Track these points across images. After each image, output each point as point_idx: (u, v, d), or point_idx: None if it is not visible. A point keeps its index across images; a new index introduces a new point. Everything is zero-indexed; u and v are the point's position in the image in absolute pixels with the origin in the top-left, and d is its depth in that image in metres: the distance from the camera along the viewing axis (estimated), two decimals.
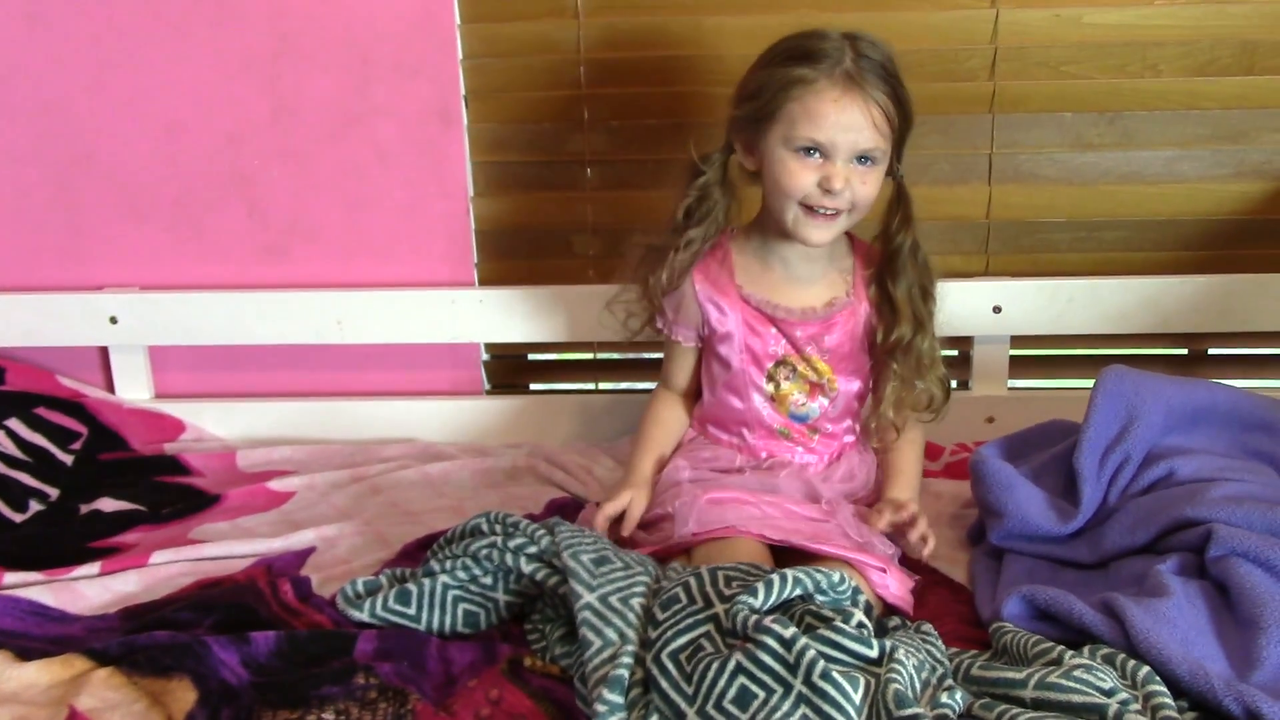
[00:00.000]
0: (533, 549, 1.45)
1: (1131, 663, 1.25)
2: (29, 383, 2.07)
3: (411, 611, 1.45)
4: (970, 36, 1.96)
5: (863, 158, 1.57)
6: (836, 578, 1.33)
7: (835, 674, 1.17)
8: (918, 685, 1.23)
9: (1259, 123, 1.96)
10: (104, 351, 2.14)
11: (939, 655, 1.31)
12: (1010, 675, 1.24)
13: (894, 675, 1.20)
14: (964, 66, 1.97)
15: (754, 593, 1.28)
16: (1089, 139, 1.99)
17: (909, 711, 1.16)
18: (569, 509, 1.77)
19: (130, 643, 1.35)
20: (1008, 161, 2.01)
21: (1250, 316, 1.97)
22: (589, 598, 1.34)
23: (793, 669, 1.18)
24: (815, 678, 1.17)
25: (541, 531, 1.47)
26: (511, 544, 1.46)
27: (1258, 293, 1.96)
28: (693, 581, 1.33)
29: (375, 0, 1.98)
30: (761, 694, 1.18)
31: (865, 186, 1.58)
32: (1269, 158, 1.98)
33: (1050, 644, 1.29)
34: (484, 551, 1.47)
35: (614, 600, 1.34)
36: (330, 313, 2.06)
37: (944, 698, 1.22)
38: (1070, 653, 1.26)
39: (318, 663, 1.34)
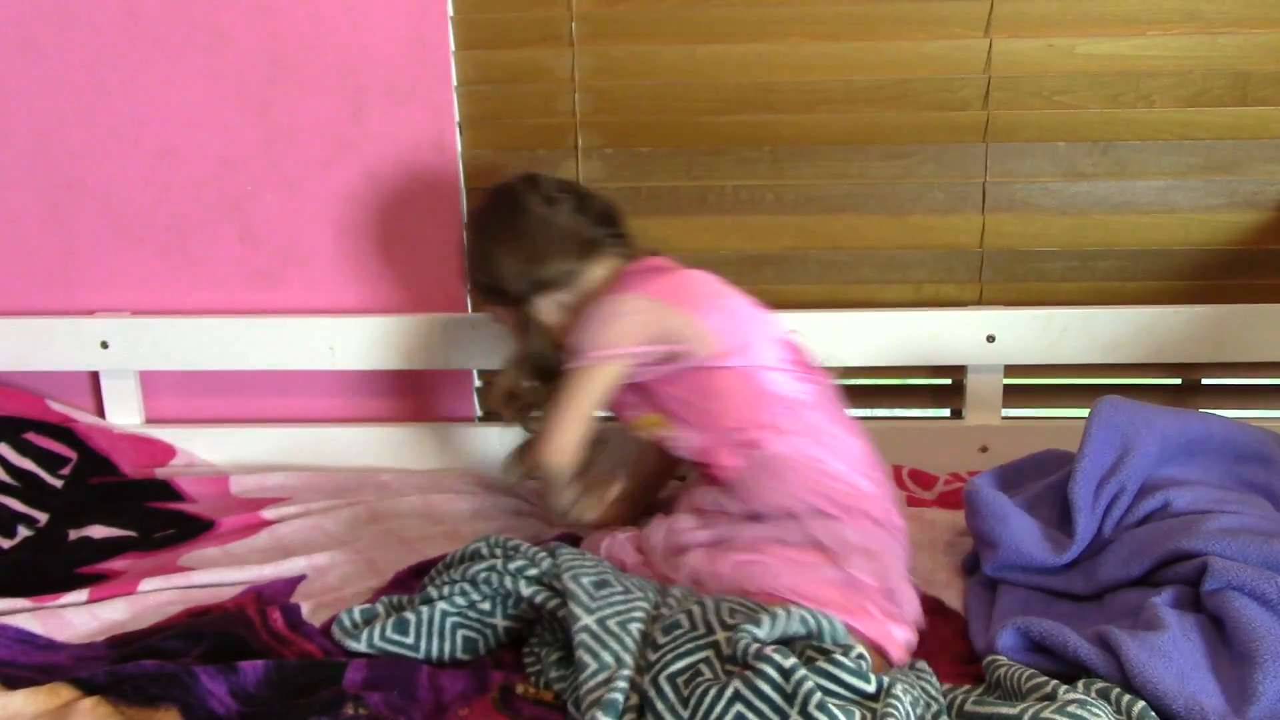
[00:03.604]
0: (533, 571, 1.45)
1: (1126, 697, 1.24)
2: (18, 407, 2.06)
3: (410, 640, 1.44)
4: (964, 66, 1.97)
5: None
6: (841, 629, 1.32)
7: (832, 706, 1.17)
8: None
9: (1252, 153, 1.97)
10: (94, 376, 2.14)
11: (933, 692, 1.32)
12: (1004, 710, 1.23)
13: (891, 711, 1.19)
14: (958, 95, 1.98)
15: (758, 623, 1.27)
16: (1082, 168, 1.99)
17: None
18: (566, 538, 1.75)
19: (117, 672, 1.34)
20: (1001, 190, 2.01)
21: (1244, 347, 1.97)
22: (587, 620, 1.34)
23: (790, 699, 1.18)
24: (811, 708, 1.16)
25: (543, 554, 1.46)
26: (511, 566, 1.45)
27: (1252, 323, 1.96)
28: (695, 609, 1.33)
29: (369, 27, 1.99)
30: None
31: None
32: (1262, 188, 1.98)
33: (1044, 678, 1.28)
34: (483, 575, 1.46)
35: (612, 624, 1.34)
36: (322, 339, 2.06)
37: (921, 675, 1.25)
38: (1064, 687, 1.26)
39: (306, 693, 1.33)
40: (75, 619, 1.56)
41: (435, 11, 1.98)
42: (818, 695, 1.17)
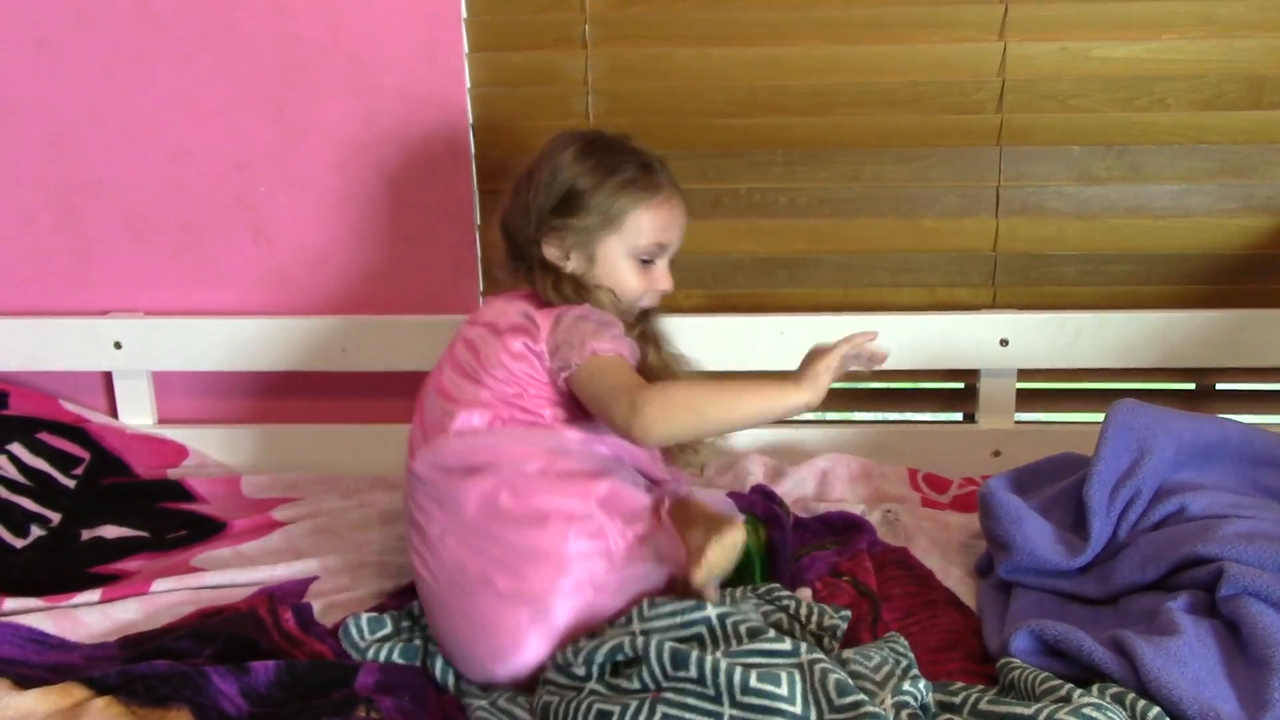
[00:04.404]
0: None
1: (1141, 702, 1.23)
2: (32, 407, 2.06)
3: (417, 665, 1.44)
4: (978, 69, 1.97)
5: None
6: None
7: (753, 680, 1.19)
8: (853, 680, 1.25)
9: (1266, 157, 1.96)
10: (107, 376, 2.14)
11: (901, 650, 1.35)
12: (1019, 711, 1.23)
13: (829, 667, 1.23)
14: (972, 99, 1.97)
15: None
16: (1096, 172, 1.99)
17: (852, 699, 1.19)
18: None
19: (129, 672, 1.34)
20: (1015, 194, 2.01)
21: (1258, 351, 1.96)
22: (480, 703, 1.36)
23: (716, 698, 1.20)
24: (739, 694, 1.19)
25: None
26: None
27: (1266, 327, 1.95)
28: (551, 689, 1.33)
29: (383, 29, 1.99)
30: None
31: None
32: (1276, 192, 1.97)
33: (1059, 681, 1.27)
34: None
35: (501, 701, 1.36)
36: (334, 340, 2.06)
37: (906, 685, 1.25)
38: (1079, 691, 1.25)
39: (318, 694, 1.33)
40: (87, 619, 1.56)
41: (449, 14, 1.99)
42: (738, 673, 1.20)
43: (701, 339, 2.00)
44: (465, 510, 1.42)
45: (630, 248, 1.57)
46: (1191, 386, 2.10)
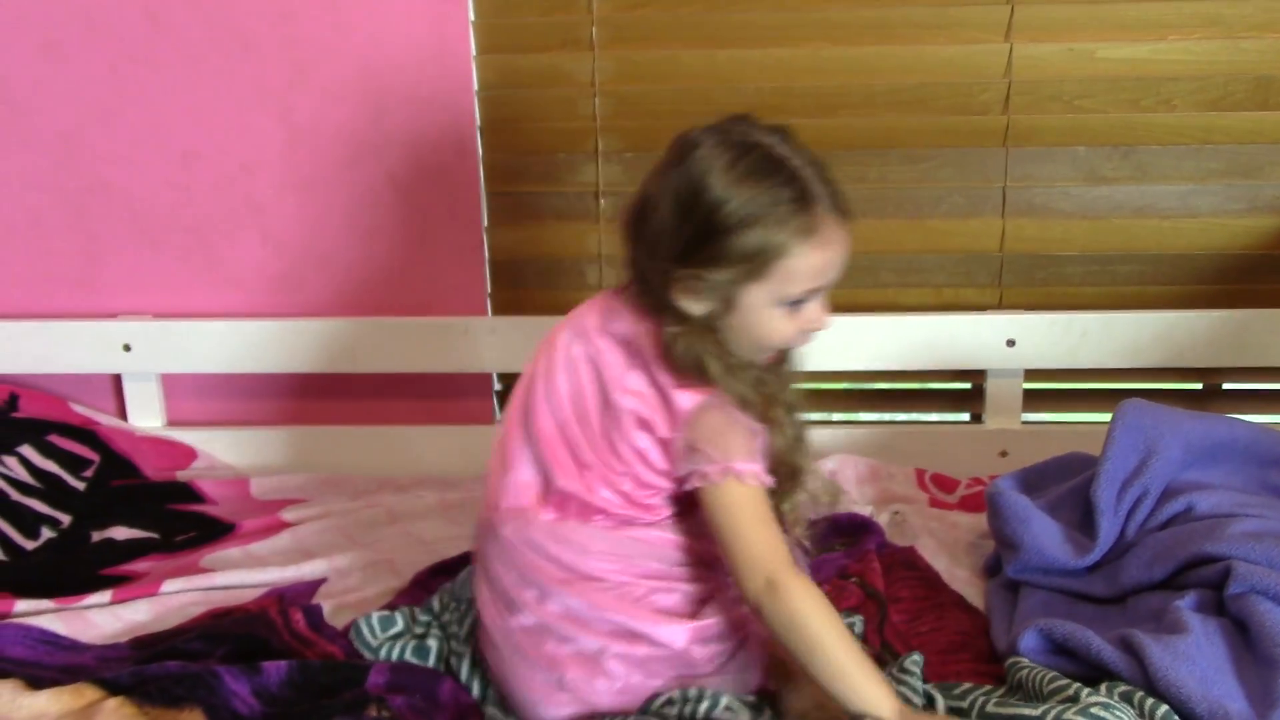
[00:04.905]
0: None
1: (1150, 701, 1.24)
2: (41, 409, 2.07)
3: (430, 665, 1.45)
4: (984, 70, 1.97)
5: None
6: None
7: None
8: None
9: (1273, 158, 1.96)
10: (117, 379, 2.14)
11: (912, 686, 1.31)
12: (1026, 712, 1.23)
13: None
14: (978, 100, 1.98)
15: None
16: (1103, 173, 1.99)
17: None
18: None
19: (141, 673, 1.35)
20: (1021, 195, 2.01)
21: (1265, 351, 1.97)
22: None
23: None
24: None
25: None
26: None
27: (1272, 327, 1.95)
28: None
29: (390, 31, 1.99)
30: None
31: None
32: None
33: (1066, 681, 1.28)
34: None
35: None
36: (343, 341, 2.06)
37: (905, 676, 1.27)
38: (1087, 690, 1.25)
39: (330, 694, 1.33)
40: (98, 620, 1.57)
41: (456, 16, 1.99)
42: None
43: None
44: (538, 615, 1.33)
45: (778, 296, 1.29)
46: (1198, 386, 2.10)
